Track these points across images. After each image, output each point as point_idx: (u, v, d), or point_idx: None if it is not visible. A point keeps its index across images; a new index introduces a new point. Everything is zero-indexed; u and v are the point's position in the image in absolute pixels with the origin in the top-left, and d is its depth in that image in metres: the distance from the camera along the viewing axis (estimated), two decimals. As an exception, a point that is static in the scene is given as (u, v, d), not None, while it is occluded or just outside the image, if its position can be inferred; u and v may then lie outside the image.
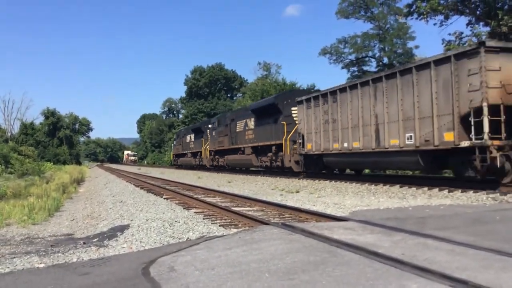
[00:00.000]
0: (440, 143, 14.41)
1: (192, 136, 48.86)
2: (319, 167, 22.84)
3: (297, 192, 16.82)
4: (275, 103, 27.07)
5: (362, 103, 18.41)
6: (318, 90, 24.76)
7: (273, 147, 27.08)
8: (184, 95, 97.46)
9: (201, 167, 44.14)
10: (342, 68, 46.54)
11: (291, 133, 24.98)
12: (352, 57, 45.09)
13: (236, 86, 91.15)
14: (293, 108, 25.51)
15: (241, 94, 78.91)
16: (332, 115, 20.59)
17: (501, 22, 20.53)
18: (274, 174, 28.22)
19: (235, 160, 34.03)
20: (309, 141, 22.56)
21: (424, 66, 15.24)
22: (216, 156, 38.66)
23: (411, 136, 15.72)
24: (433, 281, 3.74)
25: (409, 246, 5.28)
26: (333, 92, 20.67)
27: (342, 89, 19.94)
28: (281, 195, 15.78)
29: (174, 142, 63.55)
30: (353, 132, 19.11)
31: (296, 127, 24.49)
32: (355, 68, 45.29)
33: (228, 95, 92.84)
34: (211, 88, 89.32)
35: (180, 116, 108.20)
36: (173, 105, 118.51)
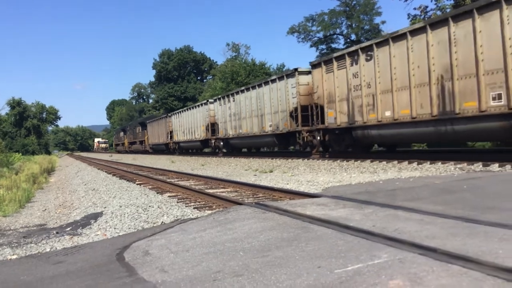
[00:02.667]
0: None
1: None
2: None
3: (271, 171, 16.91)
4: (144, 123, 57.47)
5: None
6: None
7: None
8: (153, 79, 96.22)
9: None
10: (311, 46, 46.64)
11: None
12: (320, 35, 45.15)
13: (205, 69, 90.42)
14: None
15: (211, 77, 78.30)
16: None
17: (465, -5, 20.81)
18: (249, 155, 29.00)
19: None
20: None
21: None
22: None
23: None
24: (403, 250, 3.84)
25: (379, 218, 5.39)
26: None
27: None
28: (255, 175, 15.84)
29: (121, 133, 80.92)
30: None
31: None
32: (323, 46, 45.40)
33: (198, 77, 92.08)
34: (180, 71, 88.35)
35: (150, 101, 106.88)
36: (142, 90, 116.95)
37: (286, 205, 7.05)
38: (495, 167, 11.64)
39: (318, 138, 20.73)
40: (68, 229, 8.23)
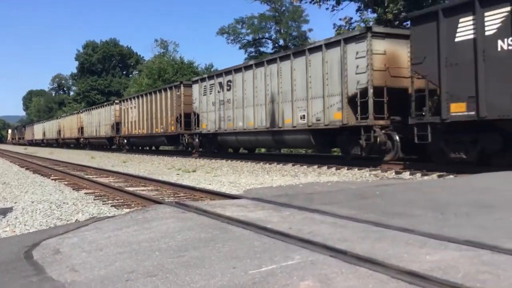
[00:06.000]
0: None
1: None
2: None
3: (194, 171, 16.83)
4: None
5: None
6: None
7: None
8: (75, 71, 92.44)
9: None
10: (240, 48, 47.00)
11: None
12: (250, 37, 45.60)
13: (132, 63, 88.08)
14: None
15: (137, 72, 76.50)
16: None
17: (386, 10, 21.90)
18: (172, 154, 28.61)
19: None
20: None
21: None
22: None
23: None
24: (316, 252, 3.97)
25: (296, 220, 5.53)
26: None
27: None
28: (178, 174, 15.70)
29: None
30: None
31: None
32: (252, 49, 45.89)
33: (124, 72, 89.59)
34: (105, 64, 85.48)
35: (72, 93, 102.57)
36: (63, 81, 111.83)
37: (206, 206, 7.05)
38: (406, 175, 12.33)
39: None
40: (-28, 225, 7.70)
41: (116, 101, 39.37)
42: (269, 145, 23.24)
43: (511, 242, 4.05)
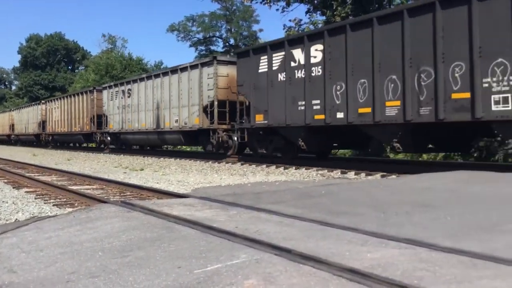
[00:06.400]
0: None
1: None
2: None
3: (142, 170, 16.58)
4: None
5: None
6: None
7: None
8: (17, 64, 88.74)
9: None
10: (190, 46, 46.64)
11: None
12: (200, 36, 45.34)
13: (78, 58, 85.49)
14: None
15: (83, 67, 74.40)
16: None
17: (335, 13, 22.34)
18: (119, 152, 28.22)
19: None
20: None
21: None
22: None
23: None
24: (261, 250, 4.01)
25: (243, 219, 5.56)
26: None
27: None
28: (125, 173, 15.42)
29: None
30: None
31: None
32: (203, 47, 45.65)
33: (69, 67, 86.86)
34: (49, 59, 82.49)
35: (13, 87, 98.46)
36: (4, 75, 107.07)
37: (153, 205, 6.96)
38: (351, 174, 12.64)
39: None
40: None
41: (43, 102, 43.82)
42: (156, 143, 27.14)
43: (448, 240, 4.23)
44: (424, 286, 3.05)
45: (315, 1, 25.68)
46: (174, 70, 22.80)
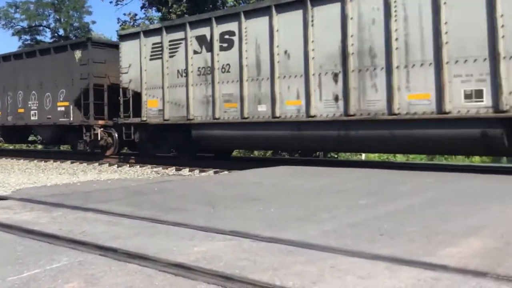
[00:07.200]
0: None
1: None
2: None
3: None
4: None
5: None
6: None
7: None
8: None
9: None
10: (13, 34, 42.53)
11: None
12: (25, 24, 41.62)
13: None
14: None
15: None
16: None
17: (170, 10, 22.30)
18: None
19: None
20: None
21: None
22: None
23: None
24: (85, 252, 3.85)
25: (68, 220, 5.27)
26: None
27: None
28: None
29: None
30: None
31: None
32: (27, 37, 41.98)
33: None
34: None
35: None
36: None
37: (-38, 209, 6.22)
38: (186, 171, 12.79)
39: None
40: None
41: None
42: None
43: (269, 231, 4.53)
44: (245, 275, 3.23)
45: (152, -3, 25.34)
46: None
